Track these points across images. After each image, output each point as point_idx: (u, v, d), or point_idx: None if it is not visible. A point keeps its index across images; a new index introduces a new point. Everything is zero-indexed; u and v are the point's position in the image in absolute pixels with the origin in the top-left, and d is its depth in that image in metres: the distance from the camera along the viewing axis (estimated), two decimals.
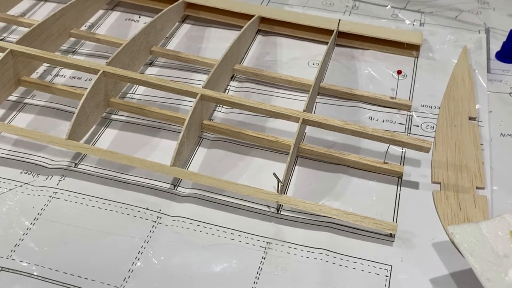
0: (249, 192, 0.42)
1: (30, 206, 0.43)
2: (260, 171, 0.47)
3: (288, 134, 0.49)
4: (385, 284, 0.39)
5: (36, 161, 0.47)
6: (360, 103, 0.53)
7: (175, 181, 0.45)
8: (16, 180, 0.45)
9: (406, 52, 0.59)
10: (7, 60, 0.49)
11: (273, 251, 0.41)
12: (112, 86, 0.51)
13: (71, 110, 0.51)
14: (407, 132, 0.51)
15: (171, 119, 0.49)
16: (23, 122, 0.50)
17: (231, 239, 0.41)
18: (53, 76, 0.56)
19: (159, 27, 0.58)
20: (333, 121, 0.46)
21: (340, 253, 0.40)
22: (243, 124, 0.51)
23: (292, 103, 0.53)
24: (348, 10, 0.66)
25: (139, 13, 0.65)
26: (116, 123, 0.51)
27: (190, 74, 0.57)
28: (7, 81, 0.50)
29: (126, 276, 0.39)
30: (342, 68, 0.58)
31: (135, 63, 0.54)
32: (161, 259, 0.40)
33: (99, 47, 0.60)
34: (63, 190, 0.44)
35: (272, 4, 0.67)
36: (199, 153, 0.48)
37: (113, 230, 0.42)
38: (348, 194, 0.45)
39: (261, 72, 0.55)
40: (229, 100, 0.48)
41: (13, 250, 0.40)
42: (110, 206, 0.43)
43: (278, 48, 0.61)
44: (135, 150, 0.48)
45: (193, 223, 0.42)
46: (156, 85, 0.49)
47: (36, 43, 0.53)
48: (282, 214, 0.43)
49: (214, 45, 0.61)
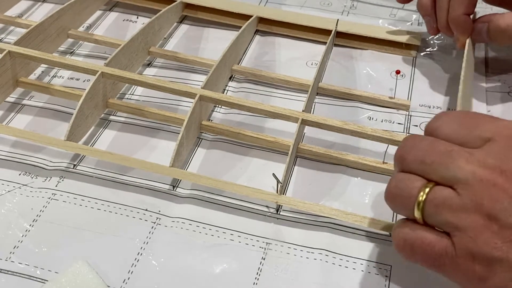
0: (248, 193, 0.42)
1: (29, 208, 0.43)
2: (259, 172, 0.46)
3: (287, 134, 0.49)
4: (385, 284, 0.39)
5: (34, 163, 0.46)
6: (359, 103, 0.53)
7: (174, 182, 0.45)
8: (15, 181, 0.45)
9: (404, 52, 0.59)
10: (5, 62, 0.49)
11: (272, 252, 0.41)
12: (111, 87, 0.51)
13: (70, 111, 0.51)
14: (406, 132, 0.51)
15: (170, 120, 0.49)
16: (21, 123, 0.50)
17: (230, 240, 0.41)
18: (51, 77, 0.56)
19: (157, 28, 0.58)
20: (332, 121, 0.46)
21: (340, 253, 0.40)
22: (242, 124, 0.51)
23: (291, 103, 0.53)
24: (346, 10, 0.66)
25: (137, 14, 0.65)
26: (115, 124, 0.51)
27: (189, 74, 0.57)
28: (5, 83, 0.50)
29: (125, 278, 0.39)
30: (341, 68, 0.58)
31: (134, 63, 0.54)
32: (161, 260, 0.40)
33: (97, 48, 0.59)
34: (62, 192, 0.44)
35: (270, 4, 0.67)
36: (198, 153, 0.48)
37: (112, 232, 0.42)
38: (348, 194, 0.45)
39: (259, 73, 0.55)
40: (228, 101, 0.48)
41: (12, 252, 0.40)
42: (109, 207, 0.43)
43: (276, 48, 0.61)
44: (134, 151, 0.48)
45: (193, 224, 0.42)
46: (155, 86, 0.49)
47: (34, 44, 0.53)
48: (282, 215, 0.43)
49: (213, 45, 0.61)
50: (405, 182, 0.33)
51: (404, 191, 0.33)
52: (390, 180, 0.34)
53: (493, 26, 0.50)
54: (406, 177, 0.33)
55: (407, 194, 0.32)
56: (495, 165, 0.31)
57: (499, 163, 0.31)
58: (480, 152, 0.31)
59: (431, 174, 0.32)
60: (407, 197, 0.32)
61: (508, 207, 0.30)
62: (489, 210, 0.30)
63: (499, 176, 0.30)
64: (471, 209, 0.30)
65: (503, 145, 0.31)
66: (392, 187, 0.34)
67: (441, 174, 0.32)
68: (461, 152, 0.32)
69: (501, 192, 0.30)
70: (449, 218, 0.31)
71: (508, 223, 0.30)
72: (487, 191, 0.30)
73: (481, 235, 0.30)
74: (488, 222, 0.30)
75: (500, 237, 0.30)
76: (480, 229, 0.30)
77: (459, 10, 0.50)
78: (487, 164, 0.31)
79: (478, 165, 0.31)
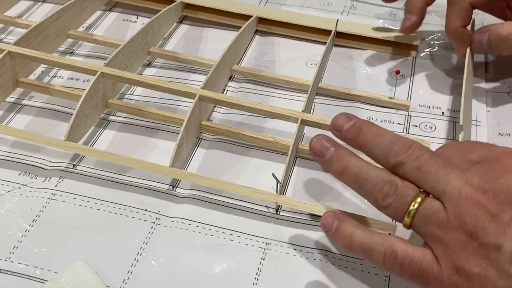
0: (248, 193, 0.42)
1: (29, 208, 0.43)
2: (259, 172, 0.46)
3: (286, 134, 0.49)
4: (385, 284, 0.39)
5: (34, 163, 0.46)
6: (359, 103, 0.53)
7: (174, 182, 0.45)
8: (14, 181, 0.45)
9: (404, 52, 0.59)
10: (5, 62, 0.49)
11: (272, 252, 0.41)
12: (110, 87, 0.51)
13: (69, 111, 0.51)
14: (406, 132, 0.51)
15: (169, 120, 0.49)
16: (21, 123, 0.50)
17: (230, 240, 0.41)
18: (51, 77, 0.56)
19: (157, 28, 0.58)
20: None
21: (339, 254, 0.40)
22: (241, 124, 0.51)
23: (291, 103, 0.53)
24: (346, 10, 0.66)
25: (136, 14, 0.65)
26: (115, 124, 0.51)
27: (188, 74, 0.57)
28: (5, 83, 0.50)
29: (125, 278, 0.39)
30: (341, 68, 0.58)
31: (133, 64, 0.54)
32: (160, 260, 0.40)
33: (97, 48, 0.59)
34: (61, 192, 0.44)
35: (270, 4, 0.67)
36: (197, 154, 0.48)
37: (112, 232, 0.42)
38: (347, 194, 0.45)
39: (259, 73, 0.55)
40: (228, 101, 0.48)
41: (11, 252, 0.40)
42: (109, 207, 0.43)
43: (276, 48, 0.61)
44: (133, 151, 0.48)
45: (192, 224, 0.42)
46: (154, 86, 0.49)
47: (33, 44, 0.53)
48: (281, 215, 0.43)
49: (212, 45, 0.61)
50: (401, 188, 0.35)
51: (398, 197, 0.35)
52: (382, 176, 0.35)
53: (493, 36, 0.50)
54: (401, 183, 0.35)
55: (401, 200, 0.34)
56: (479, 185, 0.33)
57: (482, 183, 0.33)
58: (467, 173, 0.34)
59: (423, 183, 0.34)
60: (400, 203, 0.35)
61: (488, 226, 0.32)
62: (470, 227, 0.32)
63: (482, 196, 0.32)
64: (455, 225, 0.32)
65: (487, 166, 0.34)
66: (386, 187, 0.35)
67: (432, 185, 0.34)
68: (454, 169, 0.34)
69: (483, 211, 0.32)
70: (435, 231, 0.33)
71: (486, 241, 0.32)
72: (470, 209, 0.32)
73: (463, 251, 0.32)
74: (469, 239, 0.32)
75: (479, 254, 0.32)
76: (462, 245, 0.32)
77: (456, 22, 0.52)
78: (472, 183, 0.33)
79: (465, 183, 0.33)
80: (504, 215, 0.32)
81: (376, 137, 0.37)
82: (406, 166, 0.35)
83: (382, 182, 0.35)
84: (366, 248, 0.35)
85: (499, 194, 0.32)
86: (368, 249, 0.35)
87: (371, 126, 0.38)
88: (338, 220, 0.37)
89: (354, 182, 0.37)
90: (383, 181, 0.35)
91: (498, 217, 0.32)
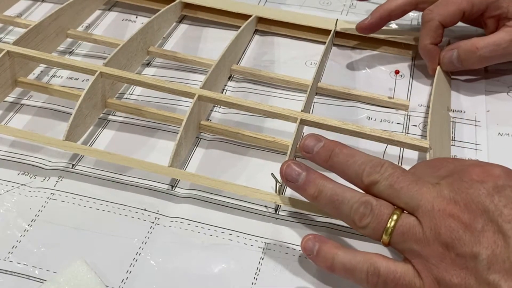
0: (247, 193, 0.42)
1: (28, 208, 0.43)
2: (258, 172, 0.46)
3: (286, 134, 0.49)
4: None
5: (33, 163, 0.46)
6: (358, 103, 0.53)
7: (173, 182, 0.45)
8: (13, 181, 0.45)
9: (403, 52, 0.59)
10: (4, 61, 0.49)
11: (271, 252, 0.41)
12: (109, 87, 0.51)
13: (68, 111, 0.51)
14: (405, 132, 0.51)
15: (168, 120, 0.49)
16: (20, 123, 0.50)
17: (229, 240, 0.41)
18: (50, 77, 0.56)
19: (156, 28, 0.58)
20: (331, 121, 0.46)
21: None
22: (240, 124, 0.51)
23: (290, 103, 0.53)
24: (345, 9, 0.66)
25: (136, 14, 0.65)
26: (114, 124, 0.51)
27: (188, 74, 0.57)
28: (4, 82, 0.50)
29: (124, 278, 0.39)
30: (340, 68, 0.58)
31: (132, 63, 0.54)
32: (159, 260, 0.40)
33: (96, 47, 0.59)
34: (60, 191, 0.44)
35: (269, 4, 0.67)
36: (196, 153, 0.48)
37: (111, 232, 0.41)
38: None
39: (258, 72, 0.55)
40: (227, 101, 0.47)
41: (10, 252, 0.40)
42: (108, 207, 0.43)
43: (275, 48, 0.61)
44: (132, 151, 0.48)
45: (191, 224, 0.42)
46: (154, 86, 0.49)
47: (33, 44, 0.53)
48: (280, 215, 0.43)
49: (212, 45, 0.61)
50: (377, 207, 0.35)
51: (375, 216, 0.35)
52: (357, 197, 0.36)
53: (462, 51, 0.52)
54: (376, 202, 0.35)
55: (378, 220, 0.35)
56: (450, 197, 0.34)
57: (453, 195, 0.34)
58: (438, 186, 0.35)
59: (397, 200, 0.35)
60: (377, 222, 0.35)
61: (463, 236, 0.32)
62: (445, 239, 0.33)
63: (454, 207, 0.33)
64: (431, 238, 0.33)
65: (457, 178, 0.34)
66: (362, 208, 0.35)
67: (406, 201, 0.35)
68: (425, 184, 0.35)
69: (456, 222, 0.33)
70: (413, 246, 0.34)
71: (462, 251, 0.32)
72: (444, 221, 0.33)
73: (441, 263, 0.33)
74: (446, 251, 0.33)
75: (458, 264, 0.32)
76: (440, 257, 0.33)
77: (426, 40, 0.54)
78: (443, 195, 0.34)
79: (437, 196, 0.34)
80: (476, 224, 0.32)
81: (348, 158, 0.37)
82: (379, 184, 0.36)
83: (357, 203, 0.36)
84: (348, 268, 0.36)
85: (470, 204, 0.33)
86: (350, 269, 0.35)
87: (342, 147, 0.38)
88: (318, 243, 0.37)
89: (330, 205, 0.37)
90: (359, 202, 0.36)
91: (472, 226, 0.32)
